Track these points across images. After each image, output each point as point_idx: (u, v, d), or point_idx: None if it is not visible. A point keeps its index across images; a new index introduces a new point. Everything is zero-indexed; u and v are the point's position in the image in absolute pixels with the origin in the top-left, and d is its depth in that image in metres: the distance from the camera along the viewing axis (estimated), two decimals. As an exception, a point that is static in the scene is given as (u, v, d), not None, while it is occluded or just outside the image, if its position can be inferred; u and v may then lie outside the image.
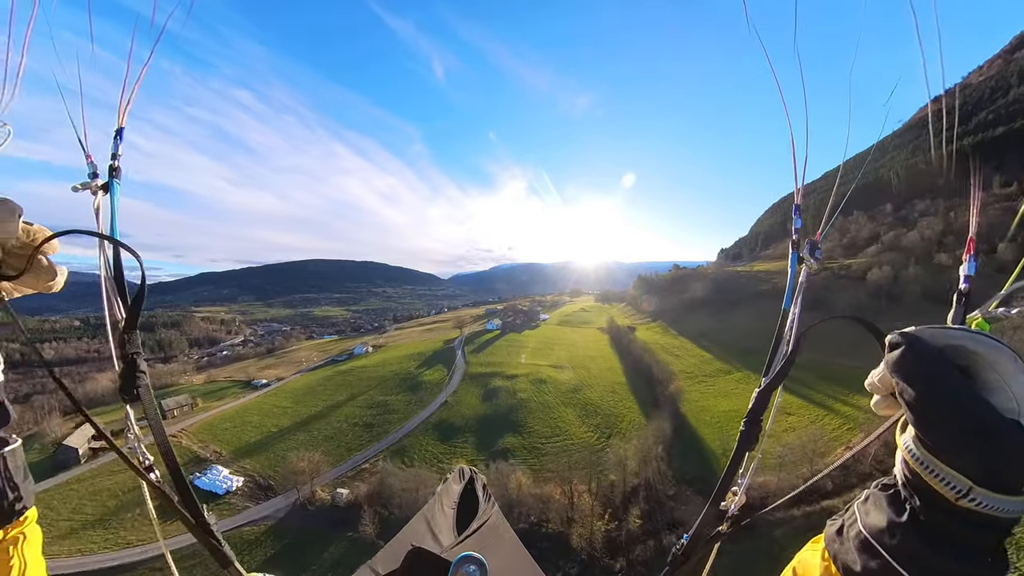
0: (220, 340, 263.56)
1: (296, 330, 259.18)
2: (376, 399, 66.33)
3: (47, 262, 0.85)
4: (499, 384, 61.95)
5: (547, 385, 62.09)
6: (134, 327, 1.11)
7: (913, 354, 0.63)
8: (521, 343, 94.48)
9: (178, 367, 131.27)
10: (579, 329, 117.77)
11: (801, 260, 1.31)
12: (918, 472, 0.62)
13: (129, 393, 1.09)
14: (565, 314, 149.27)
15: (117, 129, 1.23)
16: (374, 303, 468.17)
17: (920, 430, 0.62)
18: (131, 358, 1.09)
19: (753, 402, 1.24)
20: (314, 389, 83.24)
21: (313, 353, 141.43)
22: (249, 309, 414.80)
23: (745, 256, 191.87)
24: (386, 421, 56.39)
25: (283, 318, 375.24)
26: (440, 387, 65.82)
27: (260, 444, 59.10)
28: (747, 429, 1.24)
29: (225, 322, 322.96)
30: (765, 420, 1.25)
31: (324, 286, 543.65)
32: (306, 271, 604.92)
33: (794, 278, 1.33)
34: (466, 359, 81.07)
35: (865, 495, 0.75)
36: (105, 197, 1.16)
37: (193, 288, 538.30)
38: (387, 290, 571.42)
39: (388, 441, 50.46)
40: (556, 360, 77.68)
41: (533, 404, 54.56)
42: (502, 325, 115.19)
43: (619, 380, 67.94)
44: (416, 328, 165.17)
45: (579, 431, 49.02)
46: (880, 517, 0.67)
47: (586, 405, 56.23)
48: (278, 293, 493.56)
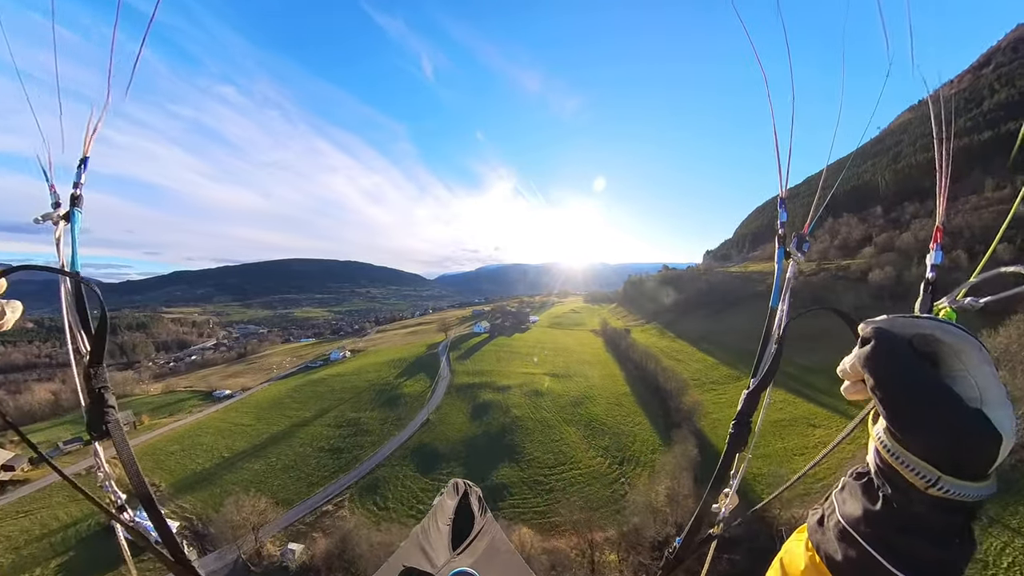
0: (191, 343, 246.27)
1: (273, 333, 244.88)
2: (348, 416, 56.84)
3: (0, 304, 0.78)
4: (489, 398, 53.33)
5: (544, 398, 53.86)
6: (100, 361, 1.07)
7: (883, 350, 0.63)
8: (511, 348, 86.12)
9: (133, 375, 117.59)
10: (571, 332, 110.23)
11: (788, 255, 1.27)
12: (889, 462, 0.64)
13: (97, 429, 1.05)
14: (555, 315, 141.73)
15: (81, 158, 1.19)
16: (358, 304, 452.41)
17: (890, 422, 0.63)
18: (98, 393, 1.05)
19: (742, 404, 1.23)
20: (281, 402, 72.98)
21: (287, 358, 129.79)
22: (225, 310, 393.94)
23: (734, 257, 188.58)
24: (357, 445, 47.09)
25: (261, 320, 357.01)
26: (421, 401, 56.75)
27: (207, 475, 48.95)
28: (736, 431, 1.23)
29: (197, 324, 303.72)
30: (755, 421, 1.25)
31: (306, 286, 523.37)
32: (288, 271, 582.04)
33: (781, 274, 1.29)
34: (451, 367, 72.08)
35: (842, 483, 0.76)
36: (68, 226, 1.13)
37: (165, 287, 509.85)
38: (371, 291, 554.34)
39: (358, 473, 41.28)
40: (551, 367, 69.68)
41: (530, 423, 46.18)
42: (490, 328, 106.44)
43: (622, 390, 60.34)
44: (399, 331, 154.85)
45: (587, 457, 40.94)
46: (856, 506, 0.69)
47: (591, 422, 48.24)
48: (257, 293, 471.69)
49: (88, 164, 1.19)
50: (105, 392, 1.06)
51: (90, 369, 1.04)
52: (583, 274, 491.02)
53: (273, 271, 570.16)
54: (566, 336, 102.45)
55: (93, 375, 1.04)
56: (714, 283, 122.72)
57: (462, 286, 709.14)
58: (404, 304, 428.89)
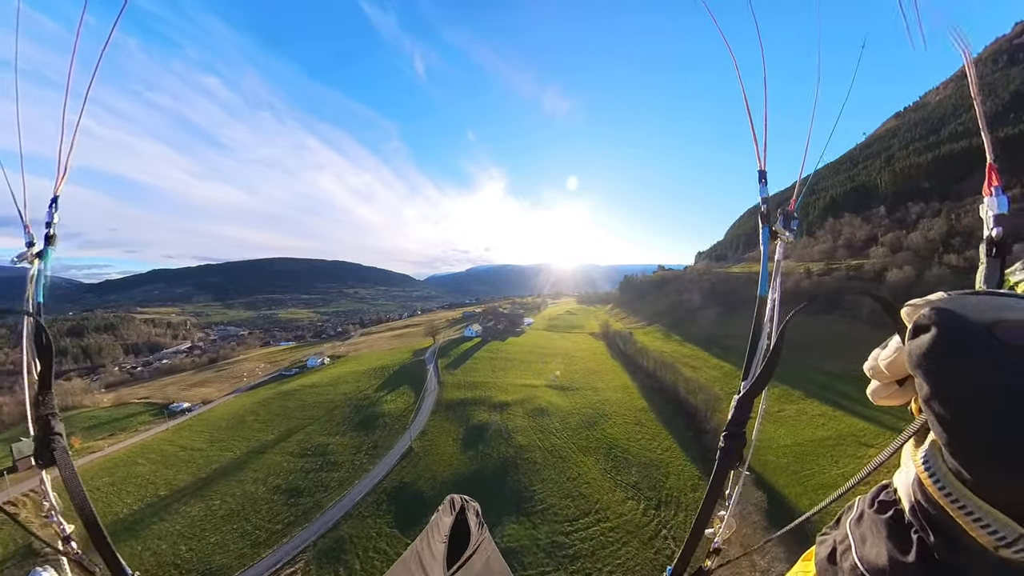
0: (163, 346, 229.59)
1: (254, 335, 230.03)
2: (315, 441, 46.39)
3: None
4: (485, 418, 43.58)
5: (551, 418, 44.40)
6: (48, 387, 1.06)
7: (953, 344, 0.41)
8: (506, 354, 76.45)
9: (83, 384, 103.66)
10: (570, 335, 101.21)
11: (775, 235, 1.09)
12: (939, 502, 0.44)
13: (44, 458, 1.02)
14: (550, 317, 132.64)
15: (53, 198, 1.19)
16: (345, 304, 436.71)
17: (953, 451, 0.42)
18: (45, 419, 1.03)
19: (733, 412, 1.07)
20: (242, 419, 61.81)
21: (260, 365, 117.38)
22: (205, 310, 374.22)
23: (730, 257, 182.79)
24: (321, 484, 36.83)
25: (243, 321, 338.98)
26: (403, 422, 46.64)
27: (132, 522, 37.91)
28: (727, 444, 1.07)
29: (173, 325, 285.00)
30: (749, 431, 1.08)
31: (292, 286, 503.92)
32: (272, 270, 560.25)
33: (767, 257, 1.08)
34: (440, 377, 61.99)
35: (858, 510, 0.58)
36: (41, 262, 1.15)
37: (143, 286, 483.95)
38: (360, 291, 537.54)
39: (318, 527, 31.05)
40: (554, 378, 60.39)
41: (538, 454, 36.59)
42: (482, 331, 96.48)
43: (639, 404, 51.39)
44: (384, 334, 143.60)
45: (614, 500, 31.59)
46: (879, 550, 0.50)
47: (611, 449, 38.98)
48: (240, 293, 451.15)
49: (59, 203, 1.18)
50: (52, 419, 1.04)
51: (39, 396, 1.02)
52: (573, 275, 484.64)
53: (257, 270, 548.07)
54: (565, 340, 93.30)
55: (41, 401, 1.02)
56: (717, 284, 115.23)
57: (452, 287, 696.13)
58: (393, 305, 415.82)
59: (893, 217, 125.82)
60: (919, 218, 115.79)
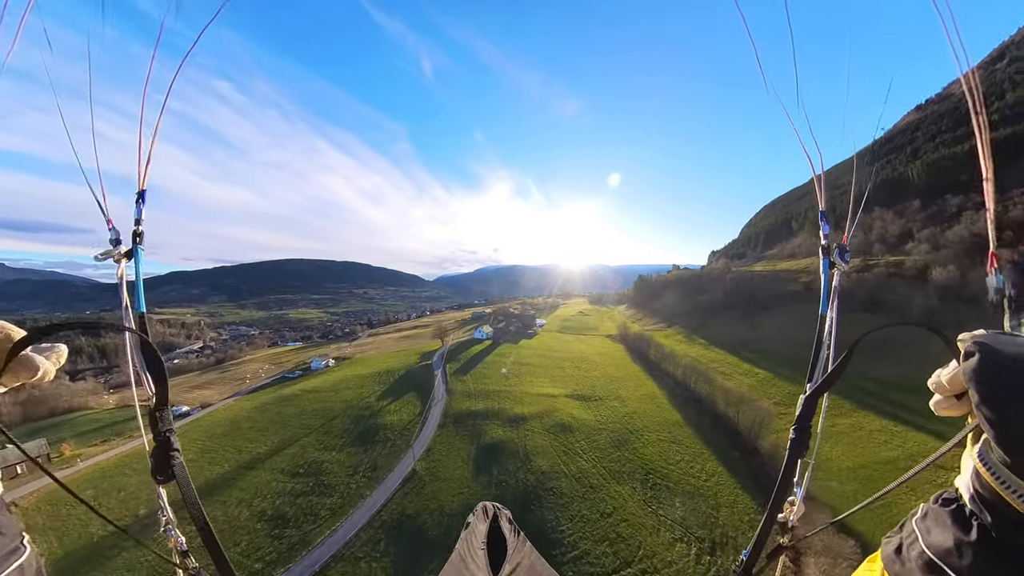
0: (177, 346, 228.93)
1: (264, 335, 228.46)
2: (309, 457, 41.16)
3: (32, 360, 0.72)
4: (500, 435, 37.80)
5: (575, 435, 38.46)
6: (165, 403, 1.06)
7: (992, 364, 0.57)
8: (520, 359, 70.63)
9: (89, 386, 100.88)
10: (585, 337, 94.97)
11: (833, 265, 1.31)
12: (995, 488, 0.57)
13: (164, 474, 1.03)
14: (563, 318, 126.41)
15: (139, 192, 1.16)
16: (355, 305, 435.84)
17: (1001, 444, 0.56)
18: (164, 436, 1.03)
19: (801, 408, 1.19)
20: (238, 427, 57.11)
21: (265, 366, 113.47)
22: (219, 311, 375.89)
23: (749, 255, 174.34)
24: (310, 512, 31.44)
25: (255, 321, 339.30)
26: (407, 437, 41.11)
27: (99, 551, 33.18)
28: (797, 436, 1.19)
29: (187, 325, 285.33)
30: (815, 426, 1.21)
31: (302, 287, 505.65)
32: (284, 271, 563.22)
33: (827, 283, 1.31)
34: (448, 384, 56.34)
35: (923, 510, 0.69)
36: (130, 263, 1.09)
37: (161, 288, 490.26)
38: (369, 291, 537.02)
39: (303, 569, 25.61)
40: (574, 385, 54.34)
41: (564, 481, 30.69)
42: (494, 334, 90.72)
43: (671, 417, 45.15)
44: (392, 334, 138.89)
45: (660, 543, 25.54)
46: (945, 535, 0.61)
47: (647, 474, 32.90)
48: (252, 294, 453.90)
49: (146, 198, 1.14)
50: (171, 436, 1.04)
51: (156, 413, 1.01)
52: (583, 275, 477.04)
53: (269, 271, 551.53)
54: (580, 343, 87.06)
55: (159, 418, 1.02)
56: (740, 283, 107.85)
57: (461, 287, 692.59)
58: (402, 305, 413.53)
59: (928, 211, 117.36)
60: (960, 211, 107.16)
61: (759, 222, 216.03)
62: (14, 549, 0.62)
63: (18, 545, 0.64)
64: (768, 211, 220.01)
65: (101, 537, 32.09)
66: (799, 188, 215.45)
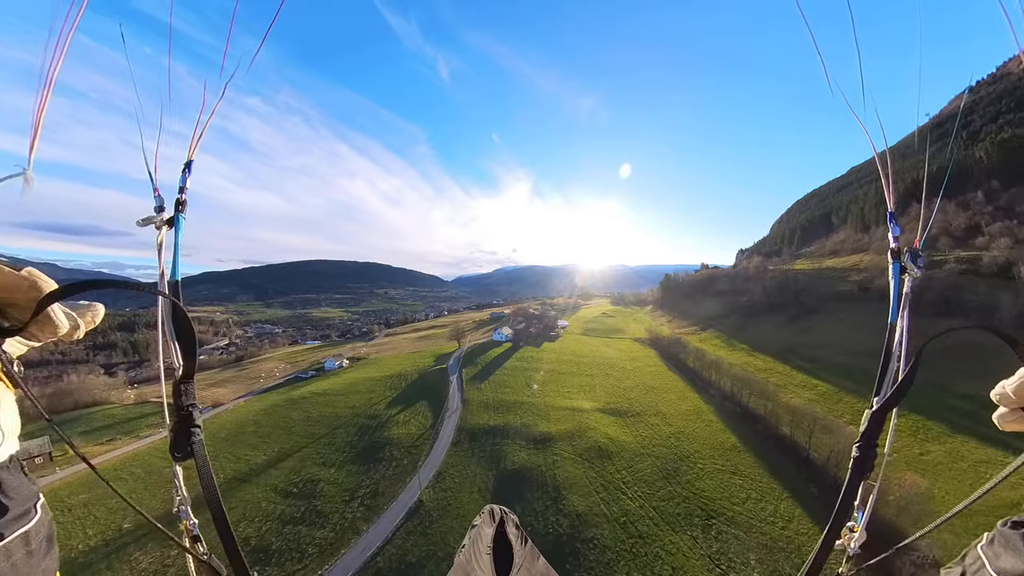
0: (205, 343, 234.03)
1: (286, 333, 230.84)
2: (306, 472, 36.03)
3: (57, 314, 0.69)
4: (523, 460, 31.50)
5: (613, 462, 31.74)
6: (191, 376, 1.01)
7: None
8: (542, 363, 64.10)
9: (112, 381, 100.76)
10: (612, 341, 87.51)
11: (904, 270, 1.19)
12: None
13: (182, 450, 0.97)
14: (586, 320, 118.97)
15: (187, 162, 1.16)
16: (376, 304, 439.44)
17: None
18: (187, 410, 0.98)
19: (866, 424, 1.10)
20: (242, 430, 53.15)
21: (281, 365, 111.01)
22: (247, 309, 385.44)
23: (785, 252, 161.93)
24: (298, 545, 26.04)
25: (280, 319, 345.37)
26: (415, 456, 35.31)
27: (84, 564, 29.27)
28: (861, 455, 1.10)
29: (215, 323, 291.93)
30: (882, 444, 1.12)
31: (325, 287, 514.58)
32: (308, 271, 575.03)
33: (898, 289, 1.20)
34: (464, 394, 50.37)
35: (989, 537, 0.65)
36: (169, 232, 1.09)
37: (195, 287, 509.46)
38: (390, 291, 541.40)
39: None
40: (606, 397, 47.44)
41: (606, 528, 24.11)
42: (513, 336, 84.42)
43: (726, 441, 37.75)
44: (409, 335, 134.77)
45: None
46: (1015, 560, 0.58)
47: (709, 518, 25.91)
48: (279, 293, 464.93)
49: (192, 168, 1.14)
50: (193, 410, 0.99)
51: (181, 385, 0.96)
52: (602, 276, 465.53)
53: (294, 271, 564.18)
54: (607, 347, 79.71)
55: (183, 391, 0.97)
56: (784, 282, 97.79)
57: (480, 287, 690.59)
58: (421, 305, 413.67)
59: (997, 203, 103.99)
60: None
61: (792, 218, 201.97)
62: (23, 514, 0.59)
63: (29, 509, 0.60)
64: (802, 206, 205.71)
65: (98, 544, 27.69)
66: (835, 181, 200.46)
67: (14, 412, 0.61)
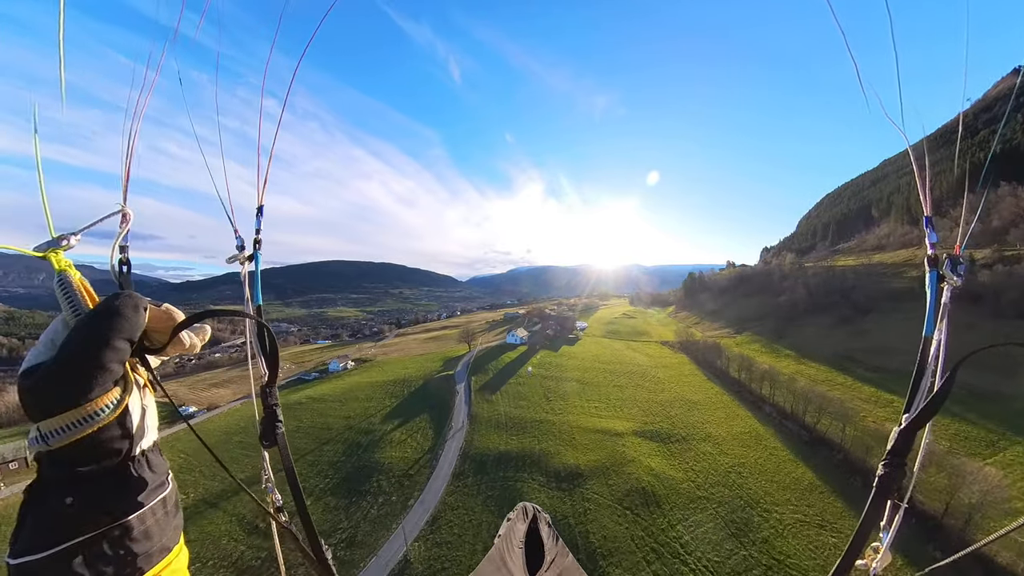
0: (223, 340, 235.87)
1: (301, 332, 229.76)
2: (279, 506, 29.47)
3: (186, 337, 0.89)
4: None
5: (663, 511, 24.05)
6: (274, 382, 1.21)
7: None
8: (563, 371, 56.40)
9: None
10: (638, 345, 79.10)
11: (942, 279, 1.11)
12: None
13: (269, 439, 1.20)
14: (606, 321, 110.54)
15: (258, 207, 1.38)
16: (390, 304, 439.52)
17: None
18: (271, 408, 1.20)
19: (894, 441, 1.05)
20: (228, 440, 47.54)
21: (286, 365, 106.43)
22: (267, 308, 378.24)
23: (819, 247, 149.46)
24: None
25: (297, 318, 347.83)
26: (407, 491, 28.24)
27: None
28: (887, 472, 1.05)
29: (234, 322, 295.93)
30: (912, 462, 1.08)
31: (342, 287, 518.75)
32: (325, 271, 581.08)
33: (935, 299, 1.12)
34: (471, 409, 43.11)
35: None
36: (251, 265, 1.34)
37: (218, 287, 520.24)
38: (404, 291, 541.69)
39: None
40: (642, 415, 39.50)
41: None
42: (529, 338, 76.92)
43: (801, 476, 29.48)
44: (419, 335, 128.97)
45: None
46: None
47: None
48: (297, 293, 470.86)
49: (264, 211, 1.36)
50: (276, 408, 1.20)
51: (267, 388, 1.17)
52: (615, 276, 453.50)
53: (312, 272, 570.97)
54: (633, 351, 71.38)
55: (268, 393, 1.17)
56: (829, 280, 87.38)
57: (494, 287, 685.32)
58: (435, 305, 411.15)
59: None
60: None
61: (824, 213, 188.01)
62: (161, 483, 0.77)
63: (164, 480, 0.79)
64: (834, 200, 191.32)
65: None
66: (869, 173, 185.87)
67: (155, 410, 0.81)
